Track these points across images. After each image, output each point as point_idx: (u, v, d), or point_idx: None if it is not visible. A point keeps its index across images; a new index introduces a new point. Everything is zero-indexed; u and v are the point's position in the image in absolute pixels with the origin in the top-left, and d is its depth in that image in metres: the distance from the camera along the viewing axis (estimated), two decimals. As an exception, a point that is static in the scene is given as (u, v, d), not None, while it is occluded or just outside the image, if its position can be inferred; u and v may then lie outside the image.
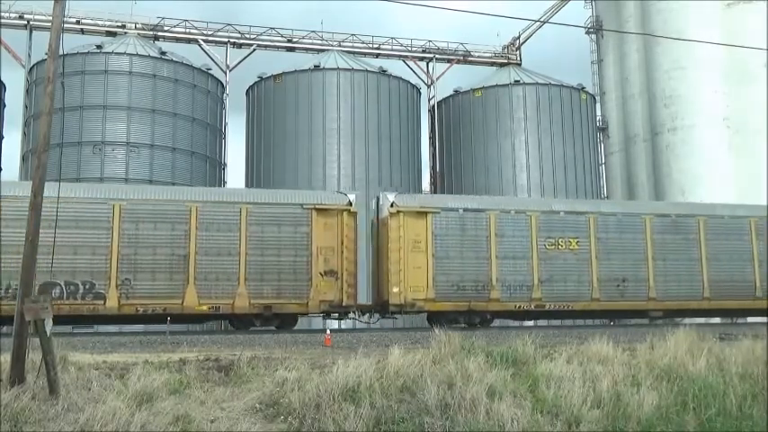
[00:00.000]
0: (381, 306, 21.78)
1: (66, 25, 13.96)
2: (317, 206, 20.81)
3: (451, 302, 21.16)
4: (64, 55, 10.61)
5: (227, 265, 19.90)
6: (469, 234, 21.71)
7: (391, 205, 21.43)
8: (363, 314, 22.51)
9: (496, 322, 23.12)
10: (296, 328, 22.13)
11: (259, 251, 20.16)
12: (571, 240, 22.37)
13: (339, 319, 22.10)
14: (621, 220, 23.13)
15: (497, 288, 21.49)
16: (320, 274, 20.36)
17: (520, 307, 21.74)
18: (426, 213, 21.55)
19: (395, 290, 20.85)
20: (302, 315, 21.25)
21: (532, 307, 21.71)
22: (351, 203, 21.23)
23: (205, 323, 25.69)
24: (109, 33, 41.50)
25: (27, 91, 39.53)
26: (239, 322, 20.55)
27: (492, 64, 48.60)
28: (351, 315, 21.65)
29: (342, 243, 20.67)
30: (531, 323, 25.64)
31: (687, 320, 21.91)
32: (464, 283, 21.33)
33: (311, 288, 20.23)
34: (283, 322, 20.74)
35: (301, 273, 20.29)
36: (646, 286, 22.80)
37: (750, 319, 24.56)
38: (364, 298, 23.45)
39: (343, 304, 20.54)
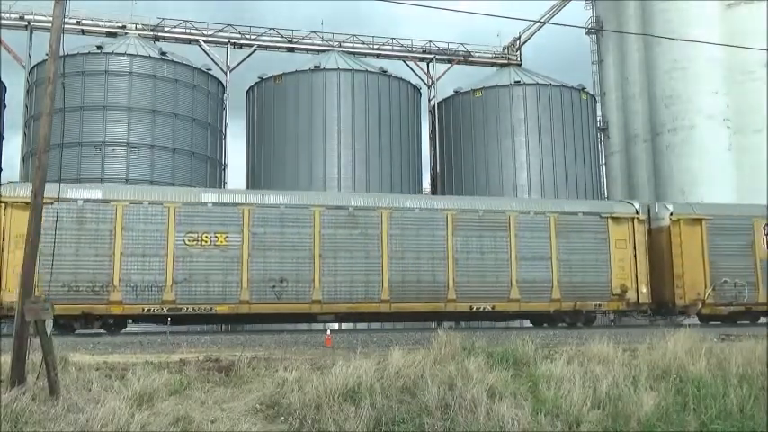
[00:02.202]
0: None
1: (66, 26, 13.97)
2: None
3: (62, 305, 17.95)
4: (64, 56, 10.62)
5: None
6: (90, 228, 19.39)
7: None
8: None
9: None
10: (296, 328, 22.17)
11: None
12: (219, 236, 19.97)
13: None
14: (285, 212, 20.53)
15: (120, 289, 19.21)
16: None
17: (148, 310, 19.38)
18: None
19: None
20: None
21: (165, 310, 19.26)
22: None
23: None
24: (109, 34, 41.52)
25: (27, 92, 39.54)
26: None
27: (492, 64, 48.61)
28: None
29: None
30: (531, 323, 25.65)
31: (687, 321, 21.86)
32: (78, 284, 19.02)
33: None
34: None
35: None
36: (310, 287, 20.21)
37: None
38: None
39: None
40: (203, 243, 19.91)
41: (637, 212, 23.03)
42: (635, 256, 22.48)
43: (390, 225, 21.07)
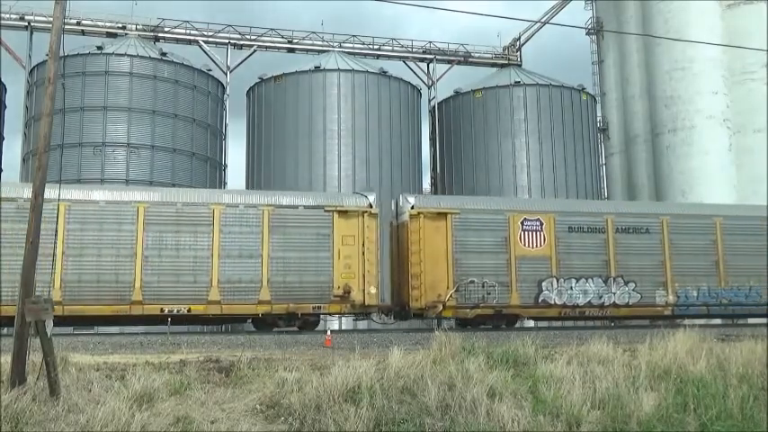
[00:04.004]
0: None
1: (66, 26, 13.98)
2: None
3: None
4: (64, 56, 10.63)
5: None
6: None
7: None
8: None
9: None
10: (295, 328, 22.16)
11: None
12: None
13: None
14: None
15: None
16: None
17: None
18: None
19: None
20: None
21: None
22: None
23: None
24: (109, 34, 41.53)
25: (28, 92, 39.56)
26: None
27: (492, 65, 48.61)
28: None
29: None
30: (531, 324, 25.61)
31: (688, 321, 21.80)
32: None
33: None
34: None
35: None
36: None
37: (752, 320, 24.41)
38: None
39: None
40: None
41: (370, 206, 20.90)
42: (364, 253, 20.41)
43: (67, 219, 18.97)
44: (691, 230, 23.22)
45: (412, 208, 21.31)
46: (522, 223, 21.82)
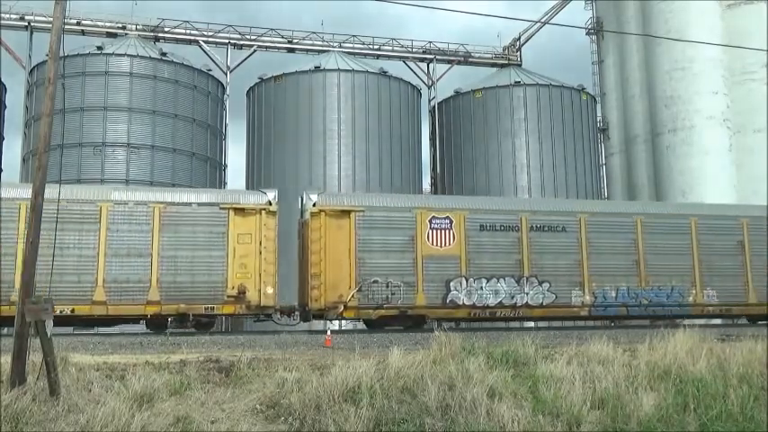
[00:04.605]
0: None
1: (66, 26, 13.98)
2: None
3: None
4: (64, 56, 10.62)
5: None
6: None
7: None
8: None
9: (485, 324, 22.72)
10: (296, 329, 22.12)
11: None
12: None
13: None
14: None
15: None
16: None
17: None
18: None
19: None
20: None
21: None
22: None
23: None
24: (109, 34, 41.55)
25: (28, 92, 39.59)
26: None
27: (492, 65, 48.62)
28: None
29: None
30: (531, 324, 25.59)
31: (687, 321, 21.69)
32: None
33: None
34: None
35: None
36: None
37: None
38: None
39: None
40: None
41: (270, 203, 20.19)
42: (261, 252, 19.76)
43: None
44: (610, 229, 22.53)
45: (314, 205, 20.57)
46: (430, 221, 21.08)
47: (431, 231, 21.02)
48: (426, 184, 46.00)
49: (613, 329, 20.01)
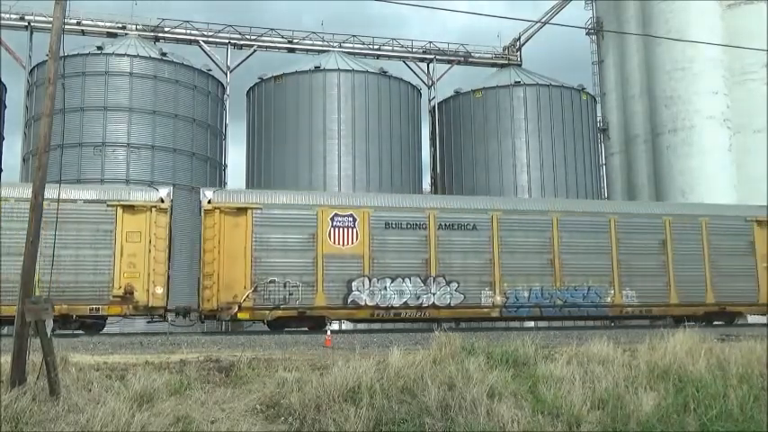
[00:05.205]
0: None
1: (66, 26, 13.98)
2: None
3: None
4: (64, 56, 10.63)
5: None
6: None
7: None
8: None
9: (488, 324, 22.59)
10: (296, 329, 22.08)
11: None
12: None
13: None
14: None
15: None
16: None
17: None
18: None
19: None
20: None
21: None
22: None
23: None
24: (109, 34, 41.55)
25: (28, 92, 39.57)
26: None
27: (492, 65, 48.62)
28: None
29: None
30: (531, 324, 25.57)
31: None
32: None
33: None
34: None
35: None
36: None
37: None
38: None
39: None
40: None
41: (161, 200, 19.54)
42: (151, 251, 19.18)
43: None
44: (523, 227, 21.90)
45: (208, 202, 19.92)
46: (332, 219, 20.46)
47: (333, 229, 20.43)
48: (426, 184, 46.07)
49: (613, 329, 20.03)
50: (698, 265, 23.01)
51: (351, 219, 20.65)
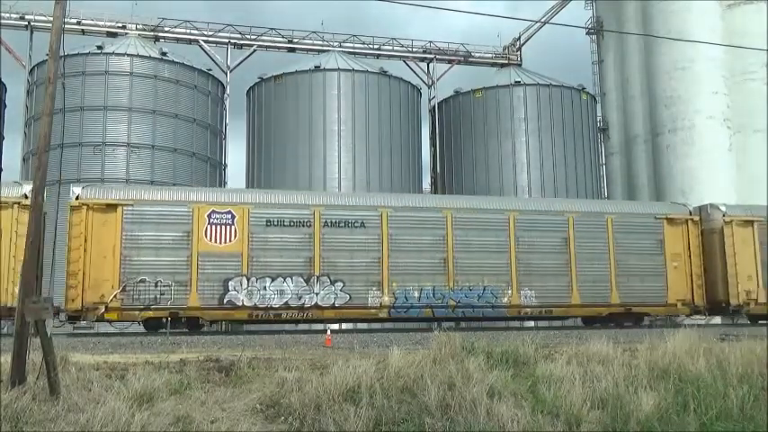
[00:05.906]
0: None
1: (66, 26, 13.98)
2: None
3: None
4: (65, 56, 10.62)
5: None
6: None
7: None
8: None
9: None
10: (297, 328, 22.01)
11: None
12: None
13: None
14: None
15: None
16: None
17: None
18: None
19: None
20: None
21: None
22: None
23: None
24: (109, 34, 41.55)
25: (28, 92, 39.57)
26: None
27: (493, 65, 48.63)
28: None
29: None
30: (531, 324, 25.55)
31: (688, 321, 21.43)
32: None
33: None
34: None
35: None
36: None
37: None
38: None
39: None
40: None
41: (25, 197, 18.36)
42: (11, 249, 18.49)
43: None
44: (415, 225, 21.19)
45: (76, 199, 19.08)
46: (209, 216, 19.83)
47: (210, 227, 19.83)
48: (426, 183, 46.07)
49: (613, 330, 20.03)
50: (602, 265, 22.25)
51: (229, 216, 20.06)
